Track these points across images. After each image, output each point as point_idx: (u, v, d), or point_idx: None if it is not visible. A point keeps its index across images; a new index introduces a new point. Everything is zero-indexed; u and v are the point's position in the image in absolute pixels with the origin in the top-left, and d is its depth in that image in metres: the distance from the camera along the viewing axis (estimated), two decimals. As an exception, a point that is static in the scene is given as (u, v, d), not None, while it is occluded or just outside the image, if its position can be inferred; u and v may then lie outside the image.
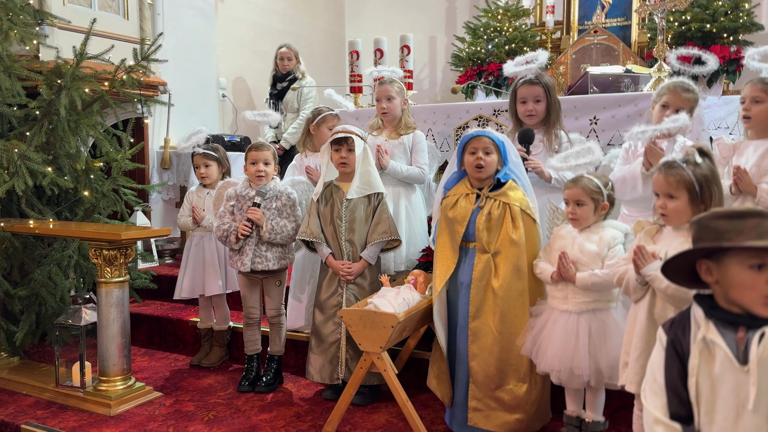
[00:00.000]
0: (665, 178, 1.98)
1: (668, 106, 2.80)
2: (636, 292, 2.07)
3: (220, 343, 3.78)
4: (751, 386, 1.33)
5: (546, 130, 3.11)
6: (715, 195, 1.94)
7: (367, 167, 3.10)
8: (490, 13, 6.80)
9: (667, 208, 1.99)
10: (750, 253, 1.34)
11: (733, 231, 1.34)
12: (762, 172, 2.56)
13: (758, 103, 2.59)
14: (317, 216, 3.13)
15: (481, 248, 2.64)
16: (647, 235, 2.08)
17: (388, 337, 2.59)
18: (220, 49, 6.17)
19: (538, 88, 3.05)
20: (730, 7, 5.42)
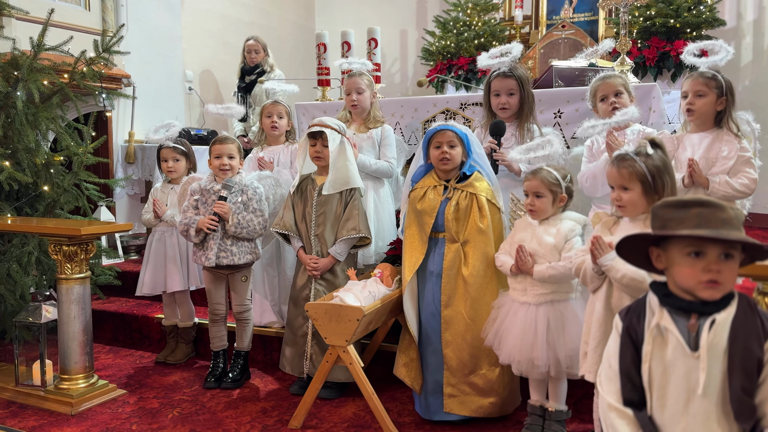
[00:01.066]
0: (618, 170, 2.02)
1: (606, 97, 2.88)
2: (593, 282, 2.11)
3: (185, 340, 3.73)
4: (701, 372, 1.36)
5: (519, 123, 3.13)
6: (668, 185, 1.98)
7: (344, 161, 3.07)
8: (460, 8, 6.82)
9: (622, 200, 2.03)
10: (688, 242, 1.37)
11: (676, 220, 1.38)
12: (710, 163, 2.65)
13: (701, 97, 2.67)
14: (292, 209, 3.12)
15: (451, 238, 2.71)
16: (604, 226, 2.12)
17: (353, 330, 2.58)
18: (186, 41, 6.07)
19: (511, 81, 3.07)
20: (693, 3, 5.52)
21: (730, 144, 2.63)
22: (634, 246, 1.48)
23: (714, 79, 2.65)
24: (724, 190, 2.59)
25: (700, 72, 2.70)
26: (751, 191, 2.61)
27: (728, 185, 2.59)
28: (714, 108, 2.67)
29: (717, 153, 2.65)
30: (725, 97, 2.65)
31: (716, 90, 2.64)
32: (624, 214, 2.07)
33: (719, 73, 2.69)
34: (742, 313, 1.38)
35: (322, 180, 3.10)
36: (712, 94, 2.65)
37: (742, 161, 2.61)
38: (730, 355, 1.36)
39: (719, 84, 2.64)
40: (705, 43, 2.88)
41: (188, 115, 6.15)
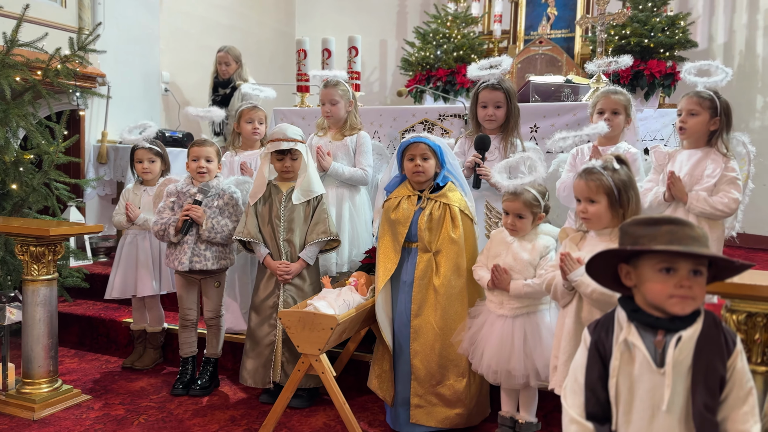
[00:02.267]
0: (586, 183, 2.06)
1: (604, 111, 2.92)
2: (564, 298, 2.14)
3: (154, 345, 3.66)
4: (666, 388, 1.38)
5: (503, 136, 3.14)
6: (632, 199, 2.03)
7: (308, 170, 3.07)
8: (440, 20, 6.87)
9: (587, 212, 2.07)
10: (660, 258, 1.39)
11: (647, 237, 1.40)
12: (694, 180, 2.69)
13: (694, 116, 2.71)
14: (255, 216, 3.08)
15: (423, 248, 2.72)
16: (572, 241, 2.15)
17: (327, 339, 2.56)
18: (164, 42, 6.00)
19: (499, 94, 3.08)
20: (667, 24, 5.65)
21: (716, 163, 2.67)
22: (604, 262, 1.49)
23: (709, 99, 2.68)
24: (702, 206, 2.63)
25: (696, 91, 2.74)
26: (731, 211, 2.63)
27: (706, 202, 2.63)
28: (707, 127, 2.70)
29: (702, 171, 2.68)
30: (719, 118, 2.68)
31: (710, 110, 2.68)
32: (588, 226, 2.10)
33: (717, 94, 2.72)
34: (707, 330, 1.40)
35: (285, 186, 3.08)
36: (705, 113, 2.68)
37: (725, 180, 2.64)
38: (694, 372, 1.38)
39: (713, 104, 2.67)
40: (702, 63, 2.93)
41: (164, 117, 6.07)
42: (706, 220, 2.66)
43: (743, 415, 1.38)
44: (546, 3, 6.61)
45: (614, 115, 2.93)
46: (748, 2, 5.88)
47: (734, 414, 1.39)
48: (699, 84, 2.81)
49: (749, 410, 1.38)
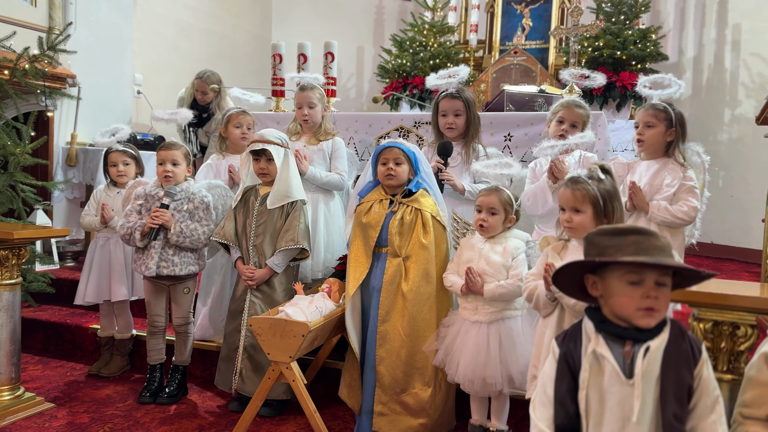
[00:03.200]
0: (572, 192, 2.05)
1: (564, 121, 2.97)
2: (546, 308, 2.13)
3: (121, 352, 3.58)
4: (636, 399, 1.38)
5: (465, 143, 3.19)
6: (617, 210, 2.03)
7: (286, 174, 3.03)
8: (416, 28, 6.91)
9: (572, 222, 2.06)
10: (627, 269, 1.39)
11: (614, 247, 1.40)
12: (654, 190, 2.74)
13: (650, 128, 2.76)
14: (234, 219, 3.06)
15: (393, 252, 2.70)
16: (554, 251, 2.15)
17: (298, 346, 2.53)
18: (137, 44, 5.92)
19: (458, 102, 3.13)
20: (638, 37, 5.76)
21: (674, 173, 2.71)
22: (572, 273, 1.49)
23: (664, 111, 2.72)
24: (663, 215, 2.68)
25: (652, 104, 2.78)
26: (691, 219, 2.68)
27: (667, 211, 2.67)
28: (664, 139, 2.74)
29: (661, 181, 2.72)
30: (675, 129, 2.73)
31: (665, 122, 2.72)
32: (572, 236, 2.10)
33: (671, 105, 2.77)
34: (674, 340, 1.41)
35: (265, 190, 3.06)
36: (661, 125, 2.72)
37: (684, 189, 2.68)
38: (663, 383, 1.38)
39: (669, 116, 2.72)
40: (656, 77, 2.99)
41: (136, 120, 5.98)
42: (668, 228, 2.71)
43: (711, 424, 1.39)
44: (521, 14, 6.70)
45: (573, 127, 2.98)
46: (717, 17, 6.03)
47: (703, 423, 1.40)
48: (654, 96, 2.86)
49: (717, 419, 1.39)
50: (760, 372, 1.41)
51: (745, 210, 5.47)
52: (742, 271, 5.06)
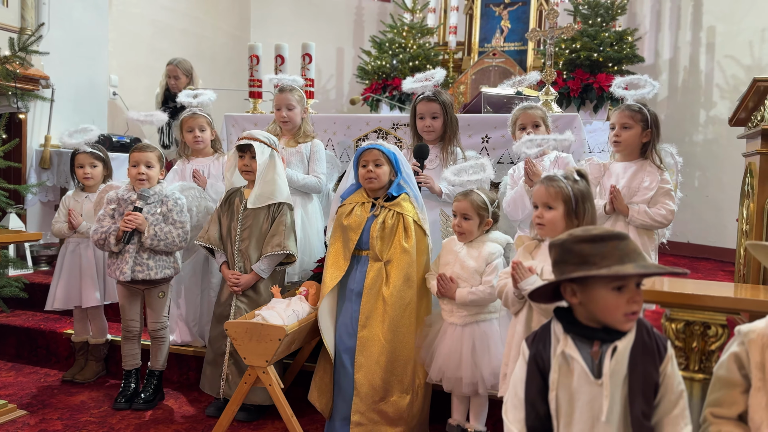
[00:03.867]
0: (546, 188, 2.07)
1: (525, 126, 3.02)
2: (514, 305, 2.15)
3: (96, 358, 3.53)
4: (604, 399, 1.39)
5: (443, 146, 3.20)
6: (588, 212, 2.05)
7: (272, 175, 3.00)
8: (396, 29, 6.91)
9: (543, 218, 2.07)
10: (614, 277, 1.39)
11: (598, 255, 1.39)
12: (632, 192, 2.76)
13: (627, 129, 2.78)
14: (218, 222, 3.03)
15: (374, 256, 2.68)
16: (526, 250, 2.17)
17: (274, 350, 2.51)
18: (113, 45, 5.84)
19: (435, 105, 3.14)
20: (615, 39, 5.82)
21: (652, 175, 2.73)
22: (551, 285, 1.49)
23: (640, 112, 2.75)
24: (643, 219, 2.70)
25: (627, 105, 2.80)
26: (668, 222, 2.72)
27: (647, 215, 2.70)
28: (639, 140, 2.77)
29: (639, 183, 2.74)
30: (650, 130, 2.76)
31: (641, 123, 2.75)
32: (542, 233, 2.12)
33: (646, 106, 2.80)
34: (641, 339, 1.43)
35: (249, 193, 3.02)
36: (637, 126, 2.75)
37: (662, 192, 2.71)
38: (631, 381, 1.40)
39: (644, 117, 2.75)
40: (631, 78, 3.02)
41: (111, 121, 5.89)
42: (645, 231, 2.74)
43: (675, 418, 1.42)
44: (500, 16, 6.73)
45: (536, 128, 3.02)
46: (692, 20, 6.11)
47: (667, 418, 1.42)
48: (628, 97, 2.89)
49: (680, 413, 1.42)
50: (729, 372, 1.43)
51: (720, 210, 5.55)
52: (718, 270, 5.13)
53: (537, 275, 2.02)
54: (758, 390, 1.37)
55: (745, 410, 1.41)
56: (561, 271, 1.45)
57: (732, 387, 1.43)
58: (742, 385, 1.41)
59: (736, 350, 1.43)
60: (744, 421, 1.42)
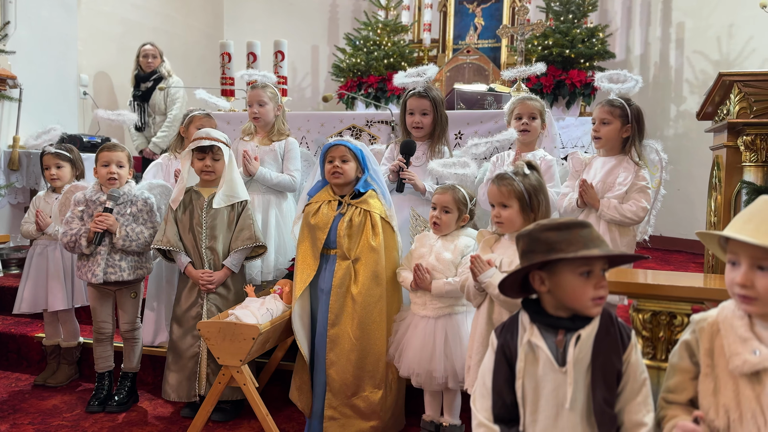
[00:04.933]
0: (498, 188, 2.11)
1: (522, 117, 3.00)
2: (476, 299, 2.19)
3: (68, 361, 3.48)
4: (568, 386, 1.43)
5: (431, 143, 3.17)
6: (542, 203, 2.09)
7: (232, 174, 2.99)
8: (370, 27, 6.91)
9: (501, 216, 2.12)
10: (579, 262, 1.44)
11: (564, 242, 1.44)
12: (607, 187, 2.78)
13: (606, 124, 2.79)
14: (174, 223, 2.97)
15: (342, 255, 2.67)
16: (486, 244, 2.20)
17: (248, 349, 2.50)
18: (82, 44, 5.75)
19: (425, 102, 3.10)
20: (586, 36, 5.88)
21: (628, 171, 2.75)
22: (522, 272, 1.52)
23: (620, 107, 2.76)
24: (612, 213, 2.72)
25: (608, 100, 2.82)
26: (639, 219, 2.73)
27: (616, 210, 2.72)
28: (619, 135, 2.78)
29: (615, 178, 2.76)
30: (631, 125, 2.77)
31: (621, 118, 2.76)
32: (502, 230, 2.16)
33: (629, 101, 2.81)
34: (604, 327, 1.46)
35: (207, 192, 2.99)
36: (616, 121, 2.76)
37: (636, 189, 2.73)
38: (594, 369, 1.44)
39: (624, 112, 2.76)
40: (612, 72, 3.04)
41: (82, 121, 5.81)
42: (617, 225, 2.76)
43: (637, 405, 1.46)
44: (473, 13, 6.76)
45: (532, 119, 3.02)
46: (661, 16, 6.21)
47: (629, 405, 1.46)
48: (613, 90, 2.91)
49: (642, 401, 1.46)
50: (681, 359, 1.47)
51: (691, 203, 5.65)
52: (689, 263, 5.22)
53: (495, 268, 2.06)
54: (706, 376, 1.41)
55: (695, 396, 1.44)
56: (529, 260, 1.49)
57: (683, 373, 1.46)
58: (693, 371, 1.45)
59: (688, 338, 1.46)
60: (695, 406, 1.45)
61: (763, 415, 1.31)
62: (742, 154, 2.89)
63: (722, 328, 1.40)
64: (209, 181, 3.00)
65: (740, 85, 2.85)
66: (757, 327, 1.36)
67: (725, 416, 1.36)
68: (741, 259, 1.34)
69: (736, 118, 2.88)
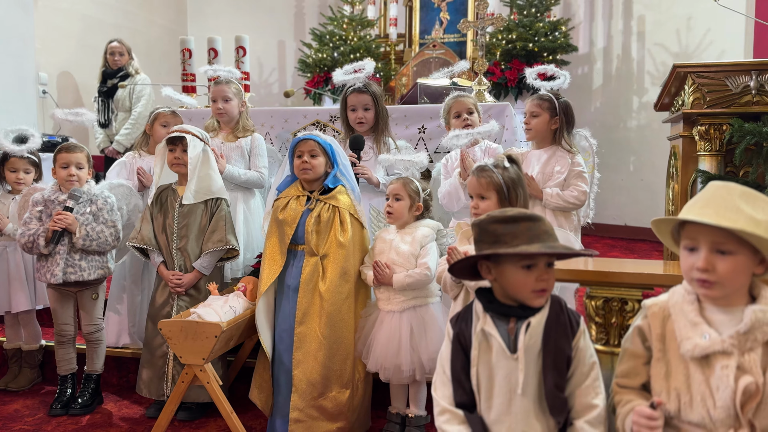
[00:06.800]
0: (477, 180, 2.13)
1: (461, 114, 3.08)
2: (452, 290, 2.22)
3: (30, 364, 3.41)
4: (520, 372, 1.46)
5: (375, 137, 3.21)
6: (521, 196, 2.12)
7: (207, 171, 2.96)
8: (336, 22, 6.88)
9: (479, 208, 2.14)
10: (521, 255, 1.47)
11: (509, 235, 1.46)
12: (546, 177, 2.88)
13: (535, 117, 2.91)
14: (150, 221, 2.95)
15: (310, 251, 2.65)
16: (464, 236, 2.23)
17: (211, 347, 2.49)
18: (40, 42, 5.62)
19: (366, 97, 3.14)
20: (549, 29, 5.95)
21: (563, 160, 2.86)
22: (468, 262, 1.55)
23: (548, 100, 2.87)
24: (556, 201, 2.82)
25: (537, 94, 2.93)
26: (581, 202, 2.84)
27: (560, 197, 2.82)
28: (549, 127, 2.89)
29: (552, 168, 2.87)
30: (559, 117, 2.87)
31: (549, 111, 2.87)
32: None
33: (557, 95, 2.92)
34: (554, 315, 1.50)
35: (183, 190, 2.96)
36: (545, 114, 2.87)
37: (573, 175, 2.84)
38: (544, 355, 1.47)
39: (552, 105, 2.87)
40: (541, 68, 3.14)
41: (41, 121, 5.68)
42: (561, 212, 2.85)
43: (587, 389, 1.50)
44: (439, 8, 6.79)
45: (470, 114, 3.09)
46: (623, 10, 6.31)
47: (579, 389, 1.50)
48: (542, 88, 3.00)
49: (591, 384, 1.50)
50: (634, 344, 1.50)
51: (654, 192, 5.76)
52: (653, 251, 5.33)
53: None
54: (658, 360, 1.45)
55: (647, 380, 1.48)
56: (479, 250, 1.53)
57: (636, 358, 1.50)
58: (645, 356, 1.49)
59: (640, 323, 1.50)
60: (647, 390, 1.49)
61: (712, 398, 1.34)
62: (697, 144, 2.97)
63: (673, 313, 1.43)
64: (182, 175, 2.97)
65: (694, 76, 2.93)
66: (707, 311, 1.40)
67: (676, 399, 1.39)
68: (700, 244, 1.36)
69: (690, 108, 2.96)
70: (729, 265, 1.34)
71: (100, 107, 5.19)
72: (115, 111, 5.27)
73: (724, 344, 1.34)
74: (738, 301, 1.39)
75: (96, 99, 5.33)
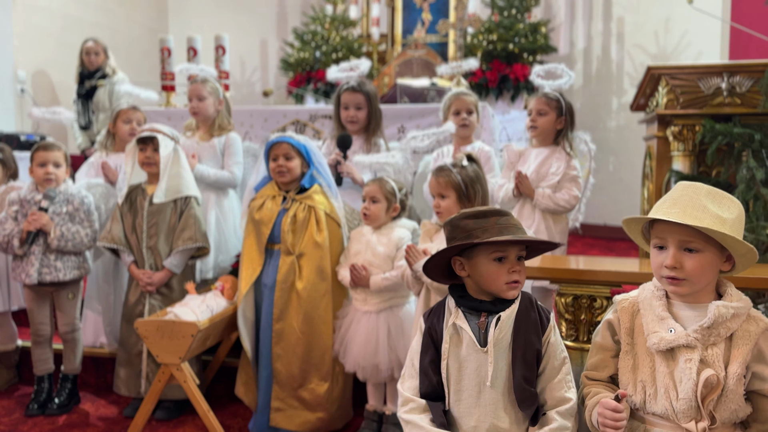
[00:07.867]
0: (436, 180, 2.19)
1: (460, 112, 3.08)
2: (414, 287, 2.27)
3: (6, 365, 3.38)
4: (489, 365, 1.50)
5: (366, 137, 3.19)
6: (479, 193, 2.17)
7: (177, 169, 2.96)
8: (318, 21, 6.89)
9: (440, 206, 2.20)
10: (494, 248, 1.51)
11: (480, 229, 1.50)
12: (540, 177, 2.89)
13: (542, 115, 2.91)
14: (120, 221, 2.94)
15: (286, 250, 2.67)
16: (426, 234, 2.26)
17: (187, 347, 2.49)
18: (18, 39, 5.57)
19: (359, 96, 3.12)
20: (529, 30, 6.00)
21: (560, 161, 2.88)
22: (442, 257, 1.58)
23: (556, 100, 2.89)
24: (546, 203, 2.84)
25: (545, 93, 2.94)
26: (571, 207, 2.86)
27: (550, 199, 2.83)
28: (554, 126, 2.91)
29: (548, 169, 2.88)
30: (564, 117, 2.90)
31: (556, 110, 2.89)
32: (441, 220, 2.23)
33: (563, 96, 2.94)
34: (524, 310, 1.54)
35: (153, 189, 2.96)
36: (552, 113, 2.89)
37: (567, 178, 2.85)
38: (514, 349, 1.51)
39: (559, 105, 2.89)
40: (549, 66, 3.15)
41: (19, 119, 5.63)
42: (551, 214, 2.87)
43: (559, 382, 1.53)
44: (420, 8, 6.82)
45: (469, 114, 3.10)
46: (603, 11, 6.38)
47: (551, 384, 1.54)
48: (546, 86, 3.02)
49: (563, 378, 1.54)
50: (604, 338, 1.55)
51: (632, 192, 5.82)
52: (631, 249, 5.39)
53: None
54: (626, 353, 1.49)
55: (615, 372, 1.52)
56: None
57: (605, 351, 1.54)
58: (614, 349, 1.53)
59: (610, 317, 1.54)
60: (615, 383, 1.53)
61: (675, 389, 1.39)
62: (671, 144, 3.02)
63: (642, 308, 1.48)
64: (153, 174, 2.96)
65: (667, 77, 2.98)
66: (675, 307, 1.45)
67: (642, 391, 1.43)
68: (668, 243, 1.41)
69: (664, 109, 3.00)
70: (696, 263, 1.38)
71: (80, 109, 5.16)
72: (96, 112, 5.23)
73: (689, 338, 1.38)
74: (705, 297, 1.44)
75: (76, 101, 5.29)
